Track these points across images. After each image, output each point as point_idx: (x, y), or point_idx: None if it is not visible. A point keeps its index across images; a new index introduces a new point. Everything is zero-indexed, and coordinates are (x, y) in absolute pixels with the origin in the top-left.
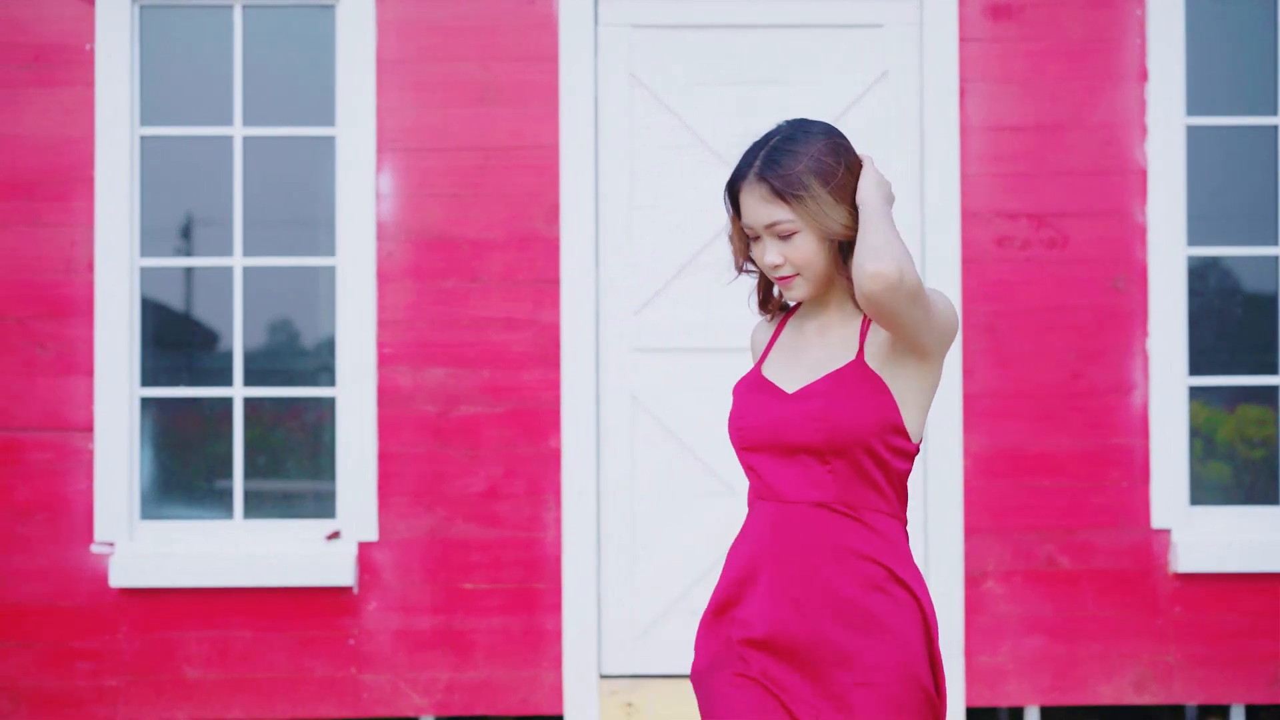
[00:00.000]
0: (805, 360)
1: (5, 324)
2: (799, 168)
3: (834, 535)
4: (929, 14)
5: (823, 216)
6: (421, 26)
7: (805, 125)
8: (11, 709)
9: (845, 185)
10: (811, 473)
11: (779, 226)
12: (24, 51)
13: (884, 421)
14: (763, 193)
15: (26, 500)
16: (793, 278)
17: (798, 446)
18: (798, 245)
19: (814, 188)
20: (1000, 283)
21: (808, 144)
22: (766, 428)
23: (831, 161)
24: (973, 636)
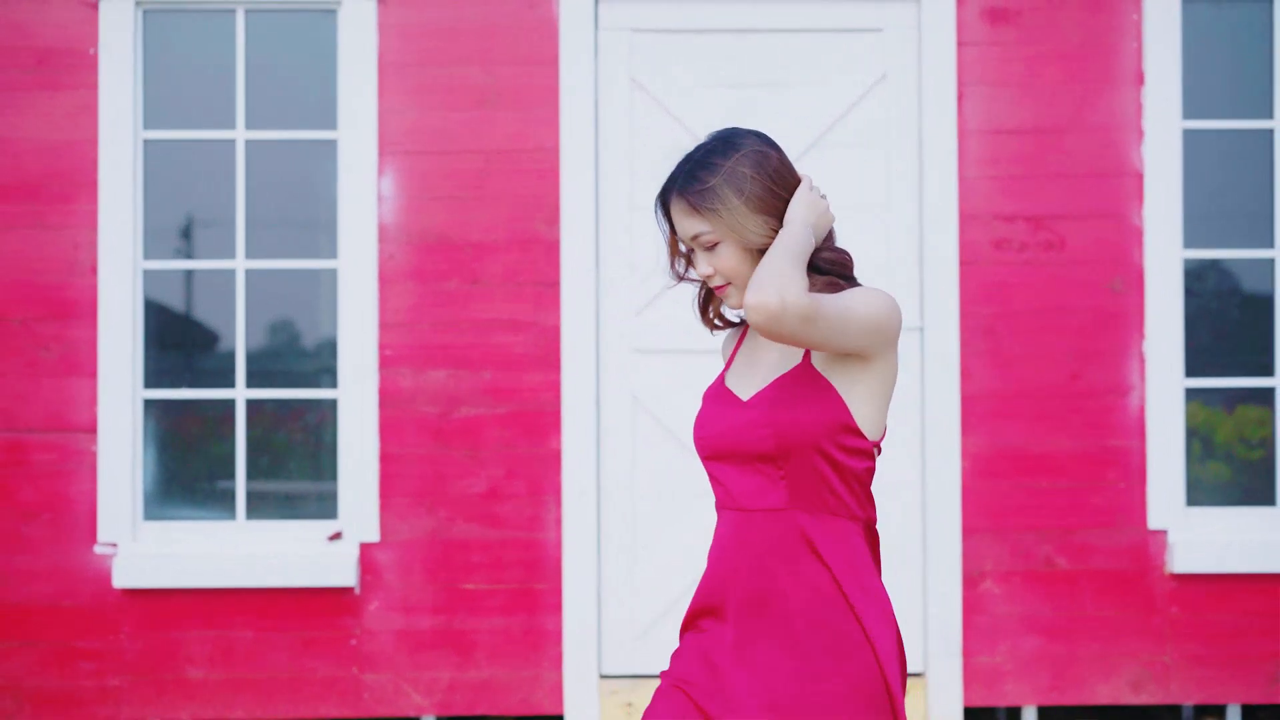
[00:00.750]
0: (760, 367)
1: (9, 326)
2: (714, 181)
3: (789, 542)
4: (927, 18)
5: (739, 228)
6: (423, 30)
7: (729, 137)
8: (15, 709)
9: (764, 196)
10: (767, 479)
11: (701, 238)
12: (28, 55)
13: (833, 422)
14: (683, 206)
15: (30, 501)
16: (725, 286)
17: (752, 453)
18: (722, 255)
19: (729, 200)
20: (998, 285)
21: (726, 156)
22: (724, 436)
23: (749, 172)
24: (971, 636)
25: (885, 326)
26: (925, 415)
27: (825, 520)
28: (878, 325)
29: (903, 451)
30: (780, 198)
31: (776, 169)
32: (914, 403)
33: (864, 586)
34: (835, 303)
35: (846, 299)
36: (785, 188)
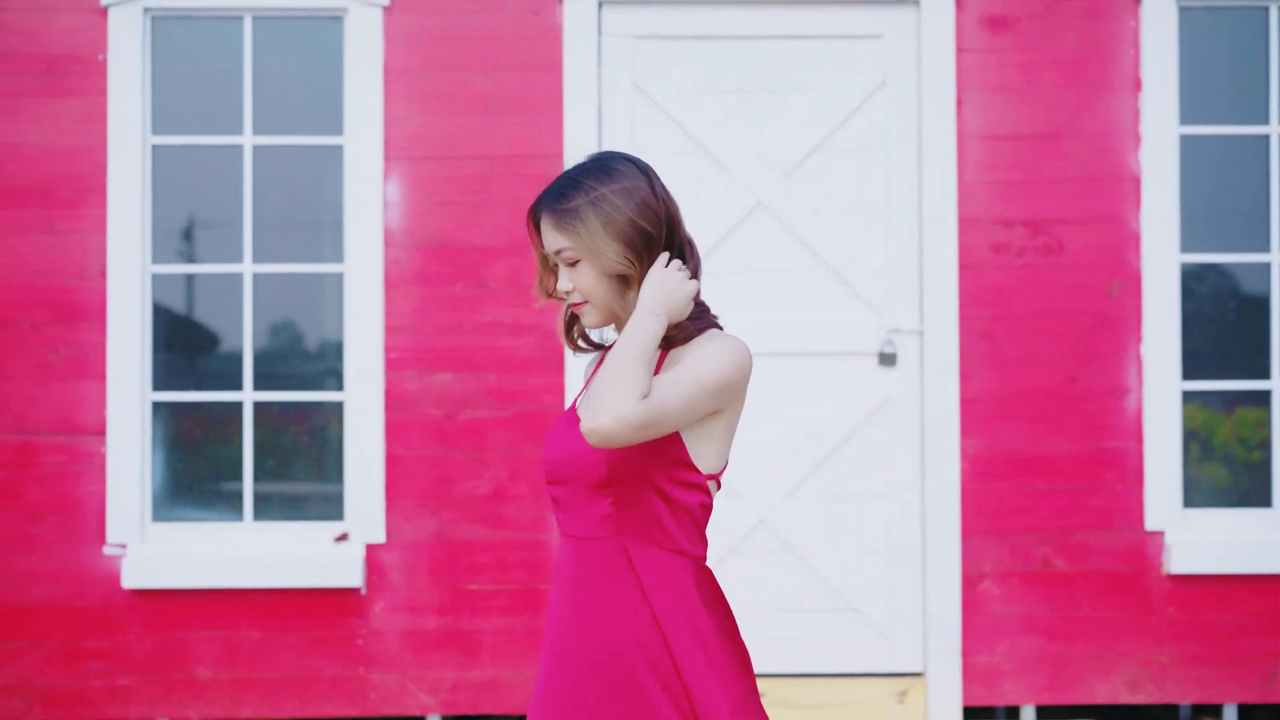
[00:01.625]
0: None
1: (20, 329)
2: (579, 201)
3: (613, 573)
4: (927, 24)
5: (597, 251)
6: (428, 37)
7: (606, 161)
8: (26, 708)
9: (624, 227)
10: (599, 508)
11: (564, 254)
12: (38, 62)
13: (667, 456)
14: (549, 221)
15: (40, 502)
16: (582, 304)
17: (586, 480)
18: (582, 274)
19: (590, 222)
20: (997, 288)
21: (597, 180)
22: (564, 462)
23: (614, 200)
24: (970, 636)
25: (734, 383)
26: (925, 417)
27: (652, 553)
28: (726, 385)
29: (902, 453)
30: (642, 231)
31: (643, 201)
32: (913, 405)
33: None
34: (679, 388)
35: (693, 373)
36: (650, 221)
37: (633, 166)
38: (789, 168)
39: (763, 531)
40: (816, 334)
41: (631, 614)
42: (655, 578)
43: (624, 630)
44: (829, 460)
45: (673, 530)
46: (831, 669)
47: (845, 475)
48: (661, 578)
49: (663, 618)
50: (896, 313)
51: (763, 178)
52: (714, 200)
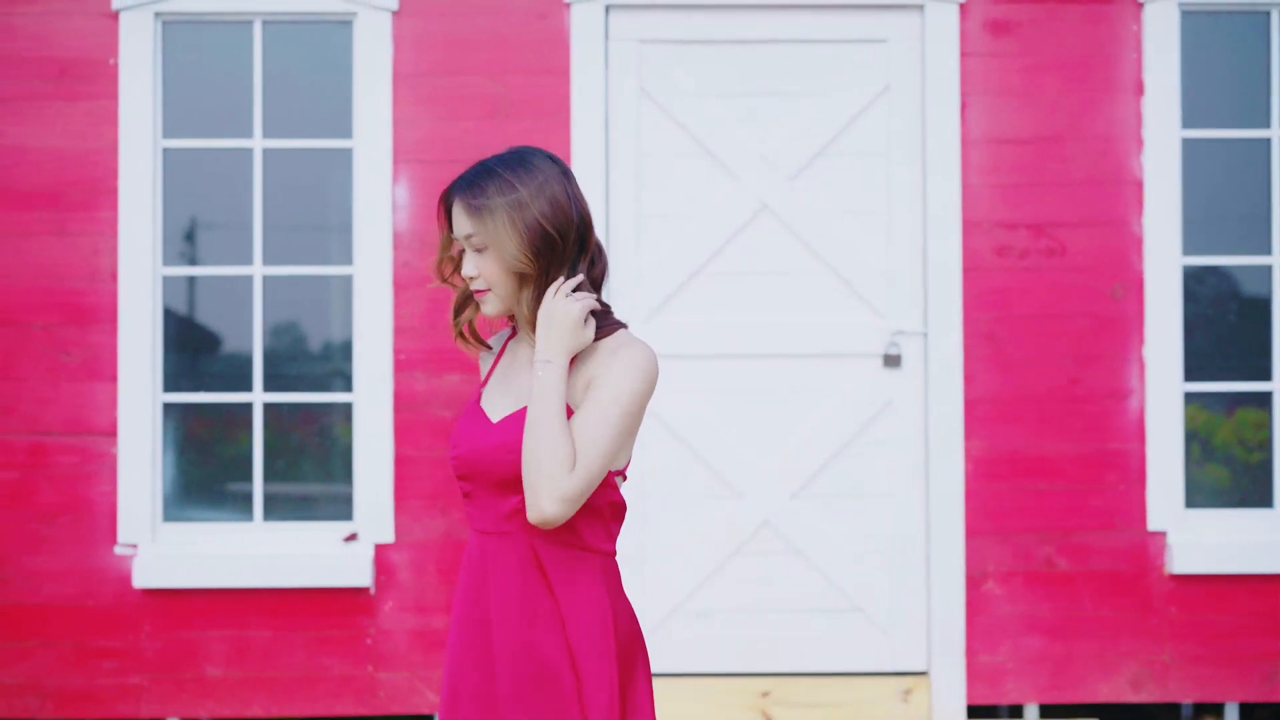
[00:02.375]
0: (513, 389)
1: (32, 331)
2: (491, 190)
3: (520, 569)
4: (931, 29)
5: (500, 245)
6: (437, 41)
7: (525, 157)
8: (38, 706)
9: (529, 225)
10: (507, 504)
11: (472, 239)
12: (50, 66)
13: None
14: (461, 206)
15: (52, 503)
16: (485, 291)
17: (495, 477)
18: (488, 261)
19: (498, 214)
20: (1000, 291)
21: (512, 172)
22: (472, 457)
23: (523, 196)
24: (973, 636)
25: (645, 397)
26: (929, 418)
27: (558, 550)
28: (645, 403)
29: (906, 454)
30: (546, 233)
31: (554, 200)
32: (918, 406)
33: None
34: (604, 430)
35: (614, 412)
36: (557, 223)
37: (551, 165)
38: (794, 171)
39: (767, 532)
40: (821, 336)
41: (535, 610)
42: (561, 574)
43: (527, 626)
44: (833, 461)
45: (579, 528)
46: (836, 668)
47: (849, 476)
48: (567, 574)
49: (567, 614)
50: (901, 315)
51: (768, 181)
52: (719, 203)
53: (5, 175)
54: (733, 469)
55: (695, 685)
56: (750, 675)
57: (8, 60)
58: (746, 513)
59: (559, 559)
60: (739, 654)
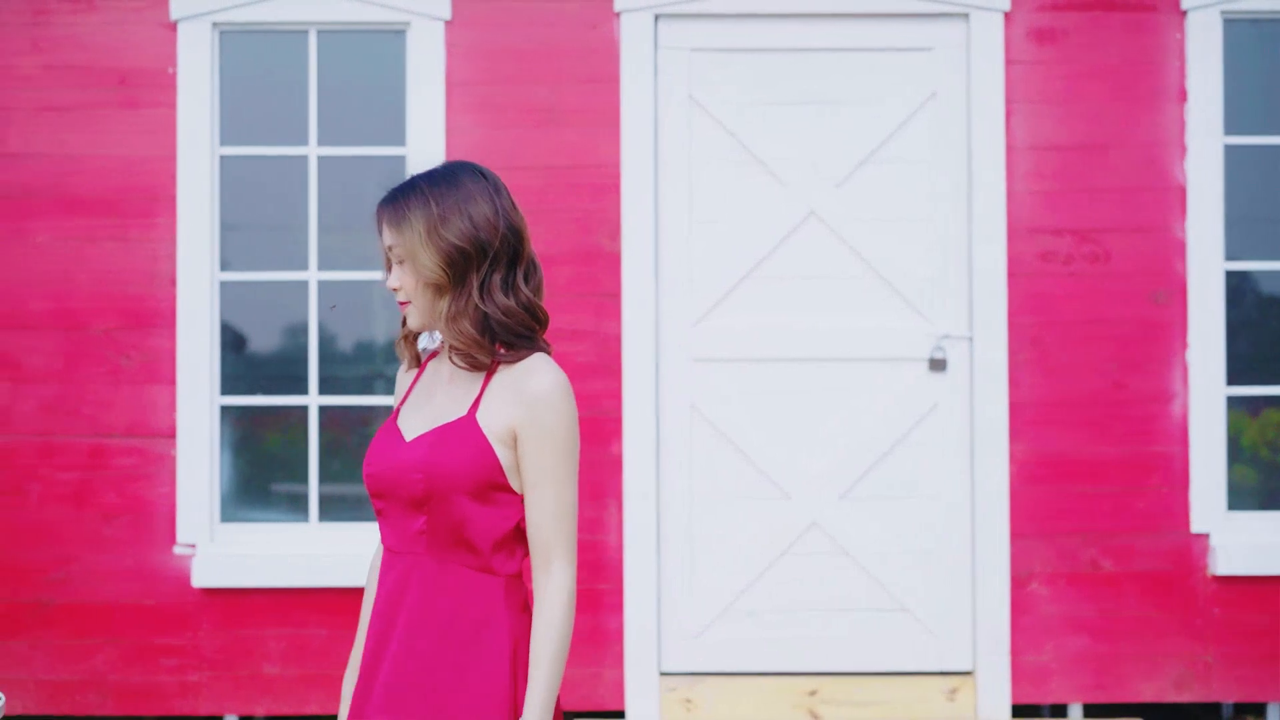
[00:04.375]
0: (429, 408)
1: (93, 335)
2: (411, 204)
3: (420, 589)
4: (976, 38)
5: (415, 257)
6: (489, 50)
7: (453, 172)
8: (100, 703)
9: (448, 240)
10: (414, 523)
11: (394, 251)
12: (111, 75)
13: (482, 480)
14: (384, 217)
15: (113, 503)
16: (407, 304)
17: (403, 495)
18: (407, 273)
19: (415, 226)
20: (1045, 296)
21: (434, 187)
22: (384, 474)
23: (446, 213)
24: (1018, 636)
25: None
26: (974, 422)
27: (460, 572)
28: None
29: (952, 456)
30: (461, 249)
31: (475, 217)
32: (963, 410)
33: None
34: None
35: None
36: (475, 241)
37: (480, 181)
38: (841, 177)
39: (815, 533)
40: (867, 340)
41: (430, 629)
42: (460, 596)
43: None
44: (880, 463)
45: (484, 551)
46: (882, 668)
47: (896, 478)
48: (466, 597)
49: (460, 635)
50: (946, 320)
51: (815, 187)
52: (768, 209)
53: (67, 182)
54: (780, 471)
55: (744, 684)
56: (798, 674)
57: (70, 70)
58: (794, 514)
59: (462, 580)
60: (787, 653)
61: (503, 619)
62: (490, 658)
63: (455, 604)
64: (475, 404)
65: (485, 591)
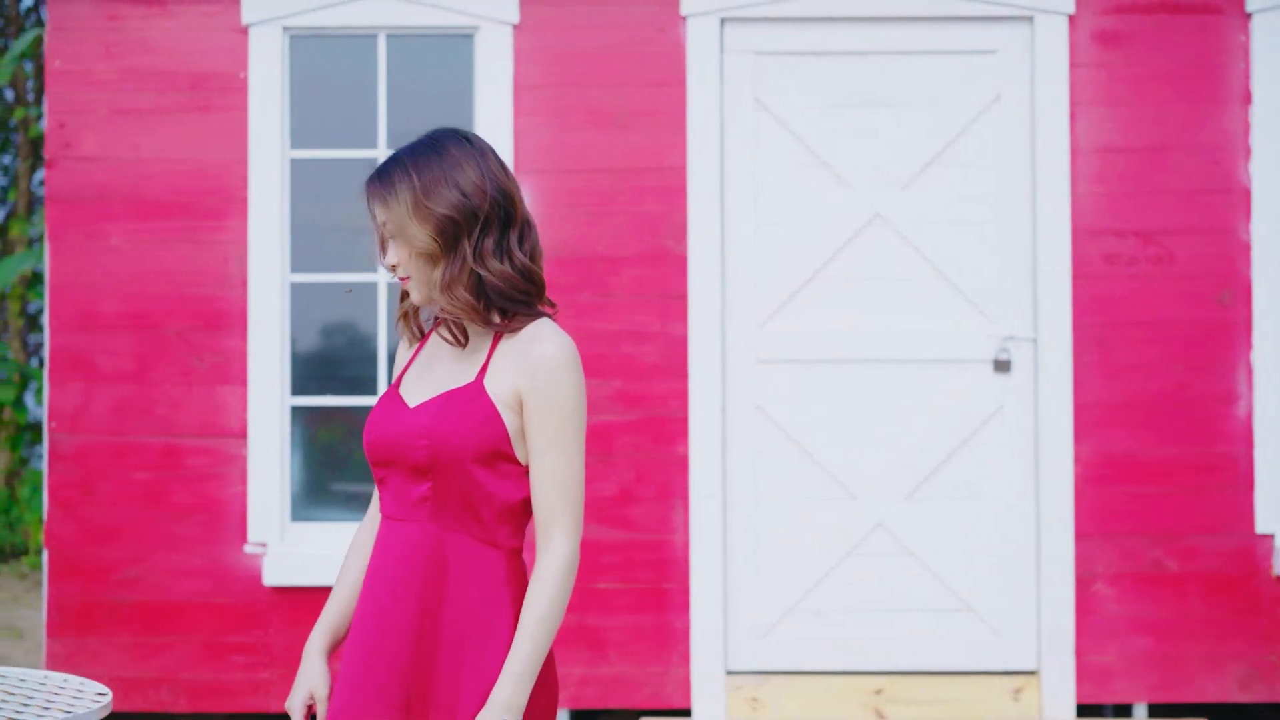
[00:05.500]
0: (433, 376)
1: (166, 336)
2: (398, 178)
3: (422, 559)
4: (1040, 40)
5: (405, 230)
6: (556, 54)
7: (436, 140)
8: (172, 700)
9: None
10: (417, 490)
11: (386, 227)
12: (183, 80)
13: (487, 447)
14: (371, 194)
15: (185, 503)
16: (407, 279)
17: (407, 463)
18: (401, 248)
19: (402, 199)
20: (1109, 297)
21: (420, 159)
22: (386, 442)
23: (431, 183)
24: (1083, 636)
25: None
26: (1039, 423)
27: (463, 541)
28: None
29: (1017, 457)
30: (450, 218)
31: (463, 184)
32: (1028, 410)
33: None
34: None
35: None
36: (464, 207)
37: (465, 147)
38: (905, 180)
39: (880, 533)
40: (932, 341)
41: (428, 600)
42: (462, 567)
43: (419, 615)
44: (945, 464)
45: (489, 522)
46: (947, 667)
47: (961, 478)
48: (468, 568)
49: (459, 608)
50: (1011, 321)
51: (880, 190)
52: (833, 211)
53: (141, 185)
54: (846, 471)
55: (809, 683)
56: (863, 674)
57: (144, 75)
58: (860, 514)
59: (465, 551)
60: (852, 653)
61: (504, 595)
62: (494, 634)
63: (456, 574)
64: (482, 370)
65: (487, 563)
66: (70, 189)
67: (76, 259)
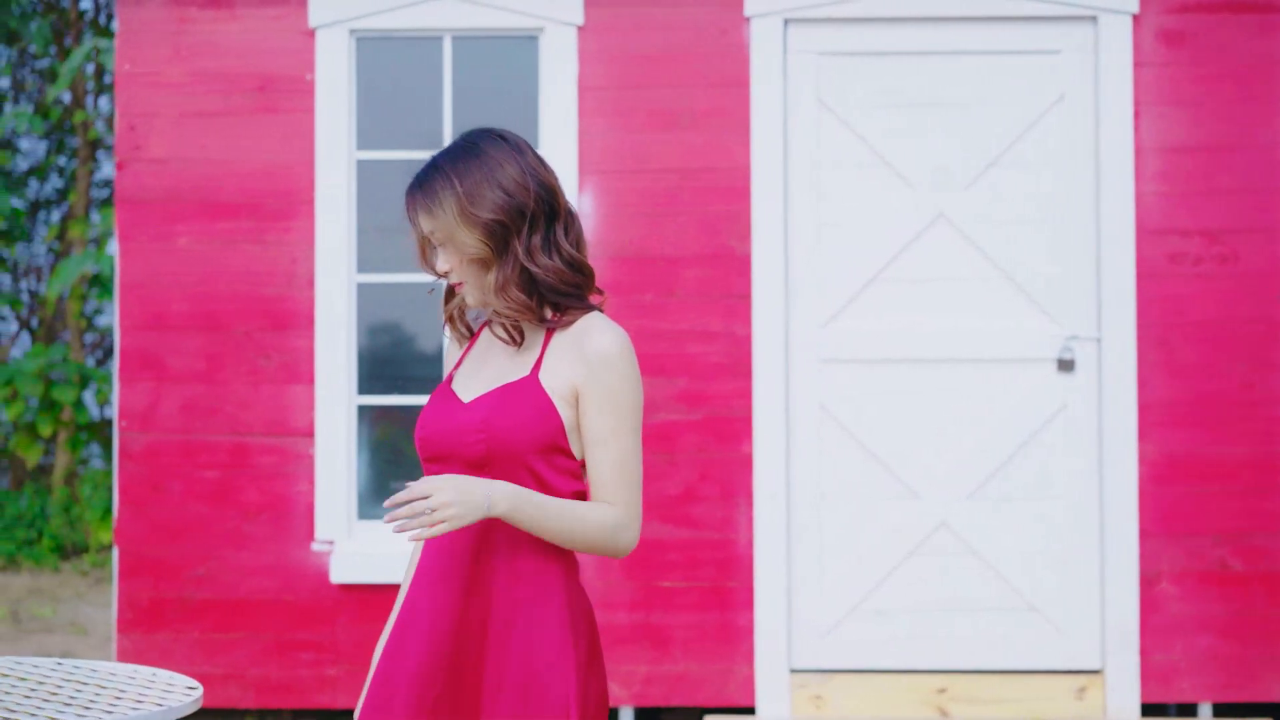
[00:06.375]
0: (487, 371)
1: (234, 336)
2: (439, 185)
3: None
4: (1104, 40)
5: (455, 237)
6: (621, 55)
7: (471, 143)
8: (240, 695)
9: (481, 213)
10: None
11: (433, 235)
12: (250, 81)
13: (544, 440)
14: (415, 203)
15: (253, 501)
16: (461, 284)
17: (463, 458)
18: (451, 254)
19: (447, 207)
20: (1173, 297)
21: (458, 164)
22: (440, 437)
23: (473, 187)
24: (1148, 636)
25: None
26: (1103, 423)
27: (521, 537)
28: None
29: (1081, 457)
30: (497, 221)
31: (503, 183)
32: (1091, 410)
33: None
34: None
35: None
36: (507, 207)
37: (501, 146)
38: (969, 180)
39: (944, 532)
40: (995, 341)
41: (487, 593)
42: (520, 560)
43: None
44: (1009, 463)
45: None
46: (1011, 666)
47: (1024, 478)
48: (526, 561)
49: (519, 601)
50: (1074, 321)
51: (943, 190)
52: (896, 211)
53: (209, 187)
54: (909, 470)
55: (873, 682)
56: (927, 672)
57: (212, 77)
58: (923, 513)
59: (517, 544)
60: (916, 651)
61: (556, 586)
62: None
63: (508, 568)
64: (537, 364)
65: (542, 557)
66: (140, 190)
67: (146, 260)
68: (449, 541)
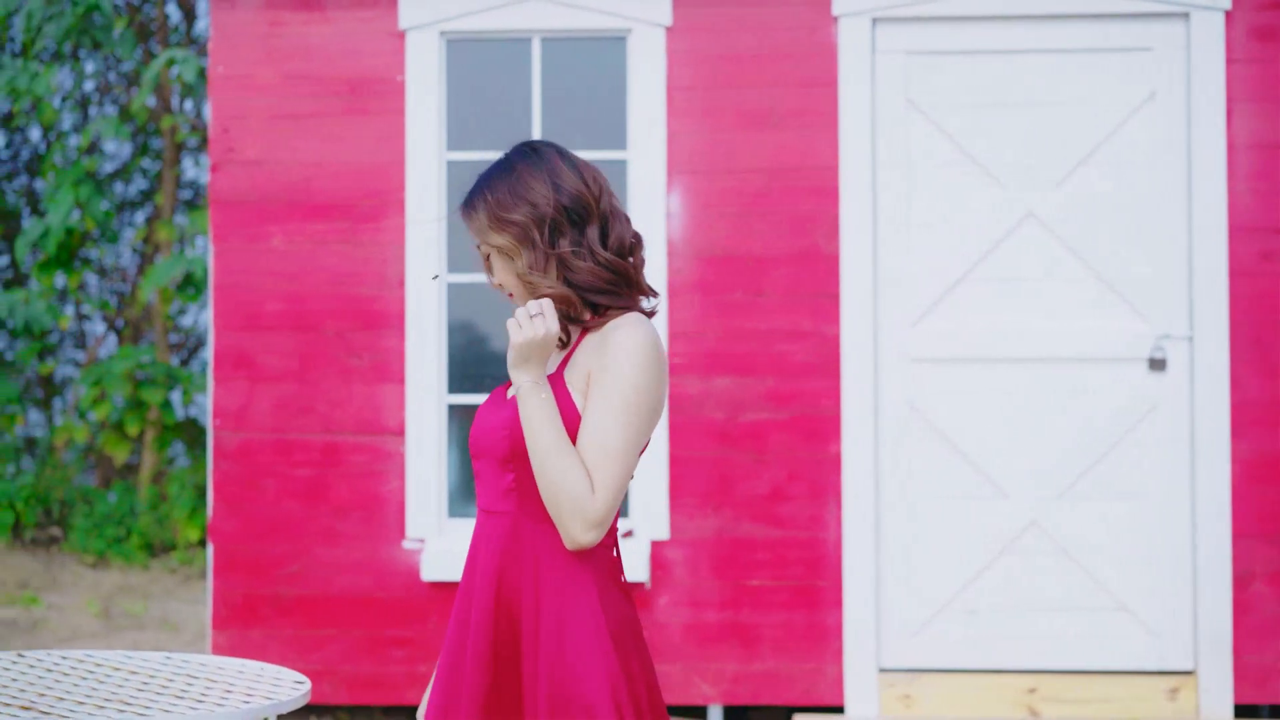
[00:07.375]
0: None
1: (326, 336)
2: (479, 203)
3: (510, 549)
4: (1196, 37)
5: (491, 244)
6: (709, 56)
7: (510, 159)
8: (332, 692)
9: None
10: (503, 482)
11: (480, 248)
12: (342, 84)
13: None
14: (464, 221)
15: (345, 499)
16: (511, 295)
17: (497, 454)
18: (500, 266)
19: (483, 219)
20: (1266, 295)
21: (496, 181)
22: (478, 436)
23: (510, 202)
24: (1240, 636)
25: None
26: (1195, 423)
27: (548, 530)
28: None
29: (1173, 456)
30: (529, 233)
31: (538, 198)
32: (1183, 409)
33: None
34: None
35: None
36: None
37: (529, 158)
38: (1058, 179)
39: (1034, 532)
40: (1086, 340)
41: (513, 592)
42: (549, 556)
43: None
44: (1100, 462)
45: None
46: (1102, 666)
47: (1115, 477)
48: (554, 557)
49: (544, 598)
50: (1166, 320)
51: (1032, 189)
52: (985, 210)
53: (302, 188)
54: (998, 470)
55: (962, 681)
56: (1017, 672)
57: (304, 79)
58: (1013, 513)
59: (547, 539)
60: (1005, 651)
61: (586, 581)
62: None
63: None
64: (564, 362)
65: (573, 557)
66: (234, 192)
67: (240, 260)
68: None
